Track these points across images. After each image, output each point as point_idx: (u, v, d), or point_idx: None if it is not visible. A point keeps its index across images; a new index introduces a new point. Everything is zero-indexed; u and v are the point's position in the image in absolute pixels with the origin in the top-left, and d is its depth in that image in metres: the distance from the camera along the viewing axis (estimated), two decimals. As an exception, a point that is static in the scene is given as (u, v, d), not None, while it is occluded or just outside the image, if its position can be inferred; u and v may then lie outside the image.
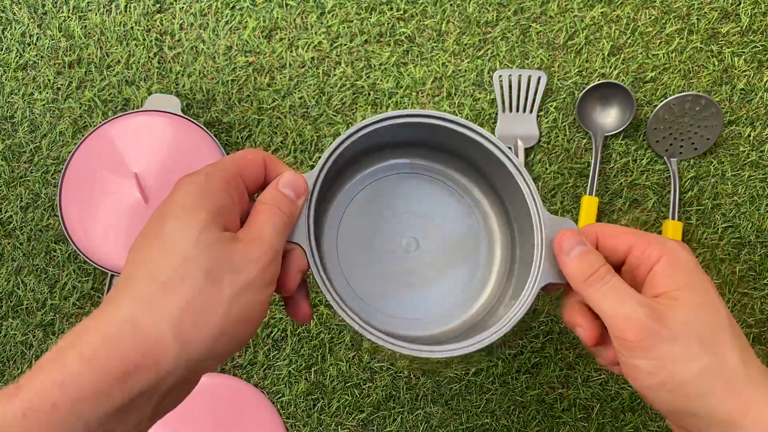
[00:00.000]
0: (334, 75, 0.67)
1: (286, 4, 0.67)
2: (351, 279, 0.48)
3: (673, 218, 0.65)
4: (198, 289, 0.32)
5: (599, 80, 0.66)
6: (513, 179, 0.45)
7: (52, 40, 0.66)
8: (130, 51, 0.66)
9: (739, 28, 0.68)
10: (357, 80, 0.66)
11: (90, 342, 0.30)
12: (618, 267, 0.40)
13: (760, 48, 0.67)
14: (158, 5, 0.67)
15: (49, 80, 0.66)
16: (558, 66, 0.67)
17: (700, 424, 0.36)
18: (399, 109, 0.59)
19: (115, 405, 0.30)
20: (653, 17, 0.67)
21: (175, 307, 0.32)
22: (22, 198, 0.65)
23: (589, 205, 0.64)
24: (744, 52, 0.67)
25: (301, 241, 0.40)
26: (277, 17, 0.67)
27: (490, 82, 0.67)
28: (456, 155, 0.49)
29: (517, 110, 0.66)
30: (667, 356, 0.35)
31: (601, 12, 0.67)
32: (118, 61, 0.66)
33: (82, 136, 0.65)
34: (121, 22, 0.66)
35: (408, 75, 0.67)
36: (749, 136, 0.67)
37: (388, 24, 0.67)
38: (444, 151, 0.49)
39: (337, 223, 0.48)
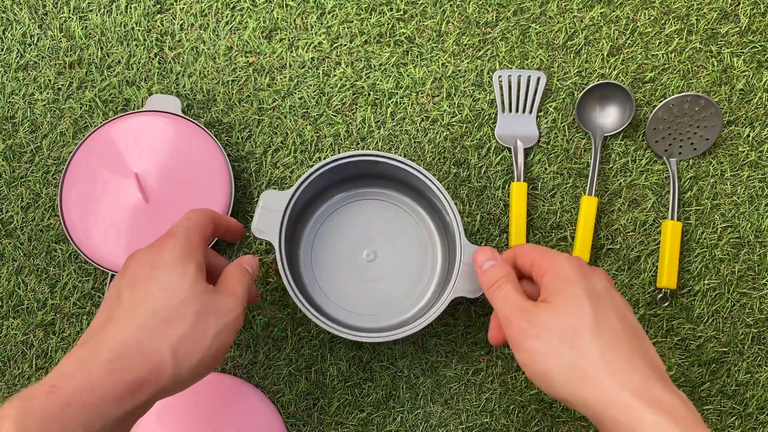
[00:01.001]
0: (334, 75, 0.67)
1: (286, 5, 0.67)
2: (322, 283, 0.63)
3: (672, 218, 0.65)
4: (191, 326, 0.42)
5: (599, 80, 0.66)
6: (446, 209, 0.58)
7: (53, 40, 0.66)
8: (130, 51, 0.66)
9: (738, 29, 0.68)
10: (357, 80, 0.67)
11: (107, 359, 0.39)
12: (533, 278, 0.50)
13: (759, 48, 0.68)
14: (159, 6, 0.67)
15: (49, 80, 0.66)
16: (557, 66, 0.67)
17: (576, 407, 0.43)
18: (398, 109, 0.65)
19: (126, 410, 0.39)
20: (652, 18, 0.68)
21: (174, 338, 0.42)
22: (22, 198, 0.65)
23: (589, 205, 0.64)
24: (743, 52, 0.67)
25: (273, 240, 0.56)
26: (277, 18, 0.67)
27: (489, 82, 0.67)
28: (407, 185, 0.62)
29: (517, 110, 0.66)
30: (534, 351, 0.44)
31: (601, 12, 0.67)
32: (119, 62, 0.66)
33: (83, 136, 0.65)
34: (121, 23, 0.67)
35: (408, 75, 0.67)
36: (748, 136, 0.67)
37: (388, 24, 0.67)
38: (398, 181, 0.62)
39: (312, 240, 0.63)
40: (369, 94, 0.67)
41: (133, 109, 0.66)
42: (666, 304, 0.64)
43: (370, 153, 0.59)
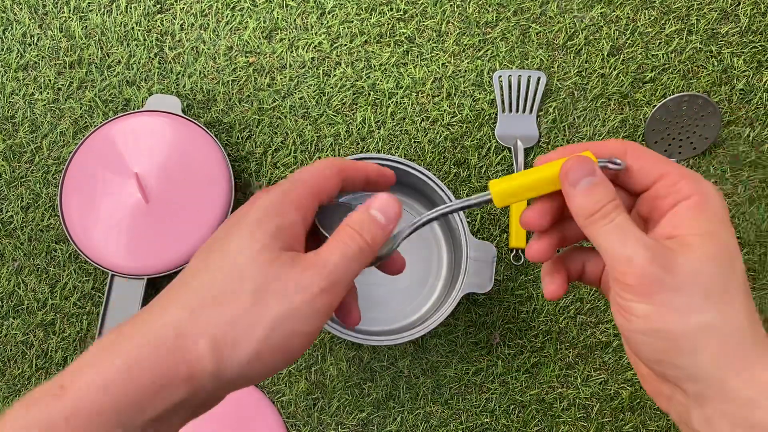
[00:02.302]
0: (335, 75, 0.67)
1: (287, 5, 0.67)
2: None
3: (672, 218, 0.65)
4: (243, 308, 0.31)
5: (598, 80, 0.67)
6: (444, 203, 0.54)
7: (53, 40, 0.66)
8: (130, 51, 0.66)
9: (738, 29, 0.68)
10: (357, 80, 0.67)
11: (131, 348, 0.30)
12: (638, 193, 0.37)
13: (760, 48, 0.68)
14: (159, 6, 0.67)
15: (49, 80, 0.66)
16: (558, 66, 0.67)
17: (681, 379, 0.34)
18: (398, 109, 0.66)
19: (150, 416, 0.30)
20: (653, 18, 0.68)
21: (218, 322, 0.31)
22: (22, 198, 0.65)
23: None
24: (743, 52, 0.67)
25: None
26: (278, 18, 0.67)
27: (489, 82, 0.67)
28: (409, 186, 0.62)
29: (517, 110, 0.66)
30: (667, 305, 0.33)
31: (601, 12, 0.67)
32: (119, 62, 0.66)
33: (83, 136, 0.65)
34: (121, 23, 0.67)
35: (408, 75, 0.67)
36: (748, 136, 0.67)
37: (388, 24, 0.67)
38: (401, 183, 0.60)
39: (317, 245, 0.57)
40: (369, 94, 0.67)
41: (133, 109, 0.66)
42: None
43: (371, 156, 0.59)
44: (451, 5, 0.67)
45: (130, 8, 0.67)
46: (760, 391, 0.31)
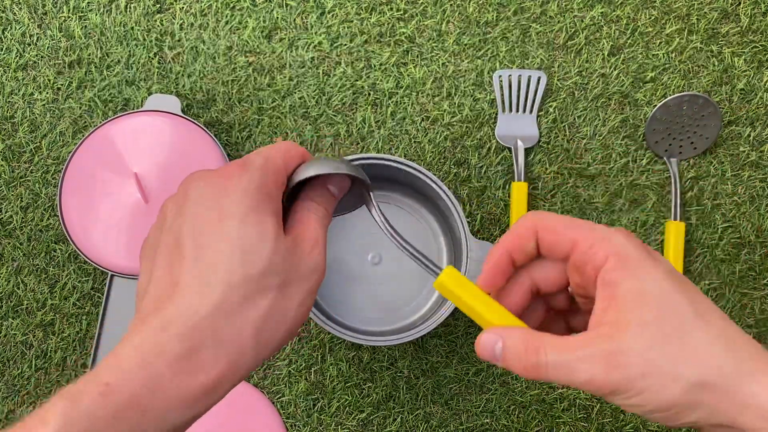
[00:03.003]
0: (334, 75, 0.67)
1: (286, 4, 0.67)
2: (327, 286, 0.62)
3: (675, 219, 0.65)
4: (274, 301, 0.33)
5: (599, 80, 0.66)
6: (449, 208, 0.57)
7: (53, 40, 0.66)
8: (130, 51, 0.66)
9: (739, 28, 0.68)
10: (357, 80, 0.66)
11: (176, 350, 0.31)
12: (564, 260, 0.37)
13: (760, 48, 0.67)
14: (158, 5, 0.67)
15: (49, 80, 0.66)
16: (558, 66, 0.67)
17: (701, 427, 0.34)
18: (398, 109, 0.66)
19: (195, 414, 0.32)
20: (653, 17, 0.68)
21: (257, 320, 0.33)
22: (22, 198, 0.65)
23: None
24: (744, 52, 0.67)
25: None
26: (277, 17, 0.67)
27: (490, 82, 0.67)
28: (410, 186, 0.62)
29: (517, 110, 0.66)
30: (646, 390, 0.32)
31: (601, 12, 0.67)
32: (119, 62, 0.66)
33: (83, 136, 0.65)
34: (121, 23, 0.66)
35: (408, 75, 0.67)
36: (749, 136, 0.67)
37: (388, 24, 0.67)
38: (400, 183, 0.62)
39: None
40: (369, 94, 0.66)
41: (133, 109, 0.66)
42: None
43: (371, 156, 0.59)
44: (451, 5, 0.67)
45: (130, 8, 0.67)
46: (760, 414, 0.31)
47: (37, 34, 0.66)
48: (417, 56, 0.67)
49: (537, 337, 0.34)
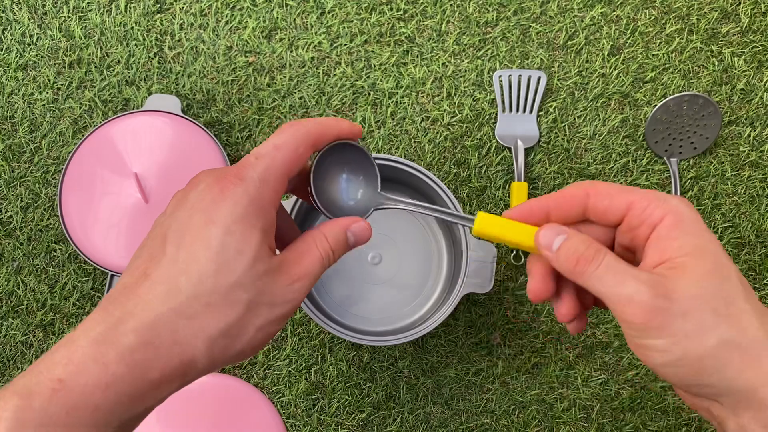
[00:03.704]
0: (334, 75, 0.67)
1: (286, 4, 0.67)
2: (329, 286, 0.62)
3: (673, 218, 0.64)
4: (237, 318, 0.33)
5: (599, 80, 0.66)
6: (446, 205, 0.57)
7: (52, 40, 0.66)
8: (130, 51, 0.66)
9: (739, 29, 0.68)
10: (357, 80, 0.66)
11: (131, 344, 0.31)
12: (614, 227, 0.38)
13: (760, 48, 0.67)
14: (158, 5, 0.67)
15: (49, 80, 0.66)
16: (558, 66, 0.67)
17: (715, 394, 0.34)
18: (398, 109, 0.66)
19: (146, 407, 0.32)
20: (653, 17, 0.68)
21: (214, 330, 0.33)
22: (22, 198, 0.65)
23: None
24: (744, 52, 0.67)
25: None
26: (277, 17, 0.67)
27: (490, 82, 0.67)
28: (409, 186, 0.62)
29: (517, 110, 0.66)
30: (680, 332, 0.33)
31: (601, 12, 0.67)
32: (118, 61, 0.66)
33: (83, 136, 0.65)
34: (121, 23, 0.66)
35: (408, 75, 0.67)
36: (749, 136, 0.67)
37: (388, 24, 0.67)
38: (400, 182, 0.62)
39: None
40: (369, 94, 0.66)
41: (133, 109, 0.66)
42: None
43: (386, 157, 0.59)
44: (451, 5, 0.67)
45: (130, 8, 0.67)
46: None
47: (37, 34, 0.66)
48: (417, 56, 0.67)
49: (598, 244, 0.35)
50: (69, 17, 0.66)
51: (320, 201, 0.39)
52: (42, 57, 0.66)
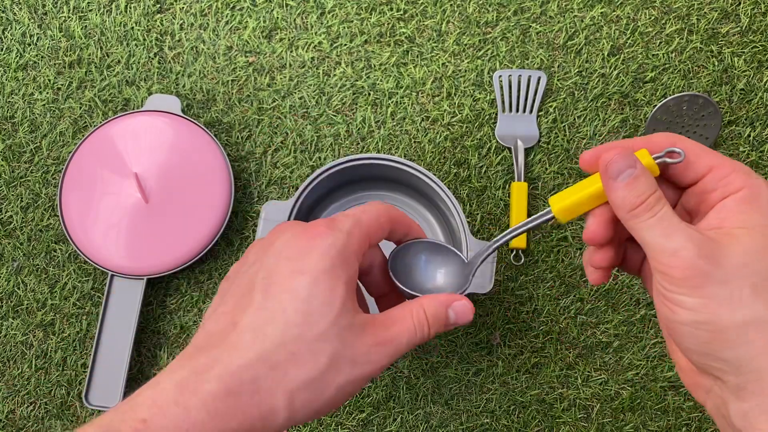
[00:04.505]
0: (334, 75, 0.67)
1: (286, 5, 0.67)
2: None
3: (673, 218, 0.65)
4: (319, 371, 0.33)
5: (599, 80, 0.66)
6: (446, 205, 0.56)
7: (53, 40, 0.66)
8: (130, 51, 0.66)
9: (739, 29, 0.68)
10: (357, 80, 0.66)
11: (212, 393, 0.31)
12: (684, 188, 0.37)
13: (760, 48, 0.67)
14: (158, 5, 0.67)
15: (49, 80, 0.66)
16: (558, 66, 0.67)
17: (724, 371, 0.34)
18: (398, 109, 0.66)
19: None
20: (653, 17, 0.68)
21: (296, 381, 0.32)
22: (22, 198, 0.65)
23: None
24: (744, 52, 0.67)
25: None
26: (277, 17, 0.67)
27: (490, 82, 0.67)
28: (409, 186, 0.61)
29: (517, 110, 0.66)
30: (715, 298, 0.33)
31: (601, 12, 0.67)
32: (119, 62, 0.66)
33: (83, 136, 0.65)
34: (121, 23, 0.66)
35: (408, 75, 0.67)
36: (749, 136, 0.67)
37: (388, 24, 0.67)
38: (400, 183, 0.61)
39: None
40: (369, 94, 0.66)
41: (133, 109, 0.66)
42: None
43: (371, 156, 0.59)
44: (451, 5, 0.67)
45: (130, 8, 0.67)
46: None
47: (37, 34, 0.66)
48: (417, 56, 0.67)
49: (661, 193, 0.34)
50: (69, 17, 0.67)
51: (401, 282, 0.40)
52: (42, 57, 0.66)
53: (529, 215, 0.65)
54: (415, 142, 0.66)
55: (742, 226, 0.34)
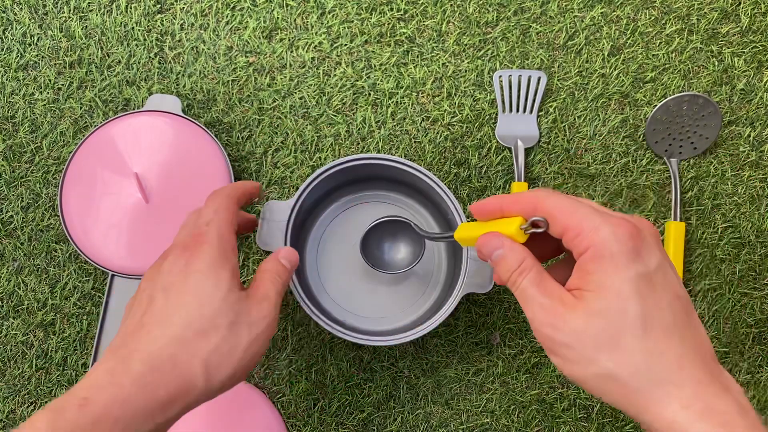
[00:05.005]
0: (335, 75, 0.67)
1: (287, 5, 0.67)
2: (328, 287, 0.62)
3: (675, 219, 0.65)
4: (223, 337, 0.41)
5: (599, 80, 0.67)
6: (446, 204, 0.57)
7: (53, 40, 0.66)
8: (130, 51, 0.66)
9: (739, 29, 0.68)
10: (357, 80, 0.67)
11: (139, 372, 0.38)
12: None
13: (760, 48, 0.67)
14: (159, 5, 0.67)
15: (49, 80, 0.66)
16: (558, 66, 0.67)
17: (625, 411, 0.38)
18: (399, 109, 0.66)
19: (156, 423, 0.38)
20: (653, 17, 0.68)
21: (206, 350, 0.40)
22: (22, 198, 0.65)
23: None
24: (744, 52, 0.67)
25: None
26: (278, 17, 0.67)
27: (490, 82, 0.67)
28: (409, 186, 0.62)
29: (517, 110, 0.66)
30: (566, 358, 0.37)
31: (601, 12, 0.67)
32: (119, 62, 0.66)
33: (83, 136, 0.65)
34: (121, 23, 0.67)
35: (408, 75, 0.67)
36: (749, 136, 0.67)
37: (388, 24, 0.67)
38: (400, 182, 0.62)
39: (317, 244, 0.63)
40: (369, 94, 0.67)
41: (133, 109, 0.66)
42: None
43: (371, 156, 0.58)
44: (451, 5, 0.67)
45: (130, 8, 0.67)
46: (668, 429, 0.35)
47: (37, 34, 0.66)
48: (417, 56, 0.67)
49: (529, 263, 0.39)
50: (70, 17, 0.67)
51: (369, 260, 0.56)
52: (43, 57, 0.66)
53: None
54: (415, 142, 0.66)
55: (588, 288, 0.37)
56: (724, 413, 0.34)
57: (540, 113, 0.67)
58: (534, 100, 0.66)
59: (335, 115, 0.66)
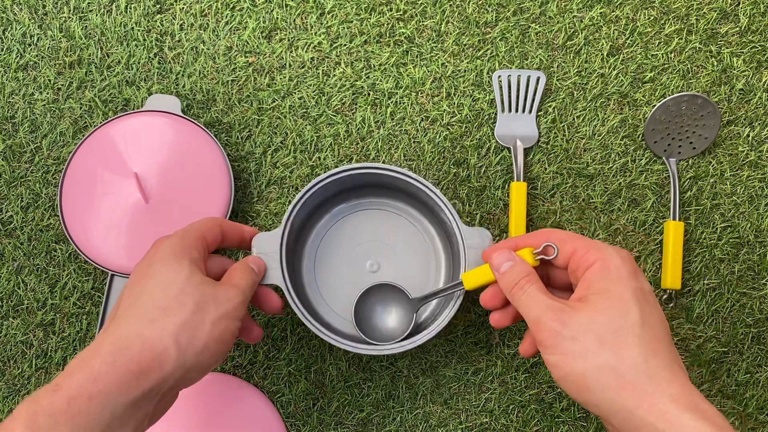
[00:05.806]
0: (334, 75, 0.67)
1: (286, 5, 0.67)
2: (326, 295, 0.62)
3: (674, 218, 0.65)
4: (190, 313, 0.43)
5: (598, 80, 0.67)
6: (438, 206, 0.57)
7: (53, 40, 0.66)
8: (130, 51, 0.66)
9: (738, 29, 0.68)
10: (357, 80, 0.67)
11: (109, 351, 0.40)
12: (566, 268, 0.47)
13: (759, 48, 0.68)
14: (158, 6, 0.67)
15: (49, 80, 0.66)
16: (557, 66, 0.67)
17: (605, 415, 0.41)
18: (398, 109, 0.66)
19: (133, 396, 0.40)
20: (652, 17, 0.68)
21: (174, 326, 0.42)
22: (22, 198, 0.65)
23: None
24: (743, 52, 0.67)
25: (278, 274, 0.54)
26: (277, 18, 0.67)
27: (489, 82, 0.67)
28: (402, 192, 0.62)
29: (516, 110, 0.66)
30: (569, 352, 0.41)
31: (600, 12, 0.67)
32: (119, 62, 0.66)
33: (83, 136, 0.65)
34: (121, 23, 0.67)
35: (407, 75, 0.67)
36: (748, 136, 0.67)
37: (387, 24, 0.67)
38: (397, 189, 0.62)
39: (314, 252, 0.63)
40: (369, 94, 0.67)
41: (133, 109, 0.66)
42: (671, 304, 0.65)
43: (367, 165, 0.58)
44: (450, 5, 0.67)
45: (130, 8, 0.67)
46: (659, 419, 0.38)
47: (37, 34, 0.67)
48: (416, 56, 0.67)
49: (536, 276, 0.46)
50: (69, 18, 0.67)
51: (361, 329, 0.57)
52: (42, 57, 0.66)
53: (528, 215, 0.65)
54: (414, 142, 0.66)
55: (594, 292, 0.43)
56: (710, 412, 0.38)
57: (539, 113, 0.67)
58: (533, 100, 0.66)
59: (334, 115, 0.66)
